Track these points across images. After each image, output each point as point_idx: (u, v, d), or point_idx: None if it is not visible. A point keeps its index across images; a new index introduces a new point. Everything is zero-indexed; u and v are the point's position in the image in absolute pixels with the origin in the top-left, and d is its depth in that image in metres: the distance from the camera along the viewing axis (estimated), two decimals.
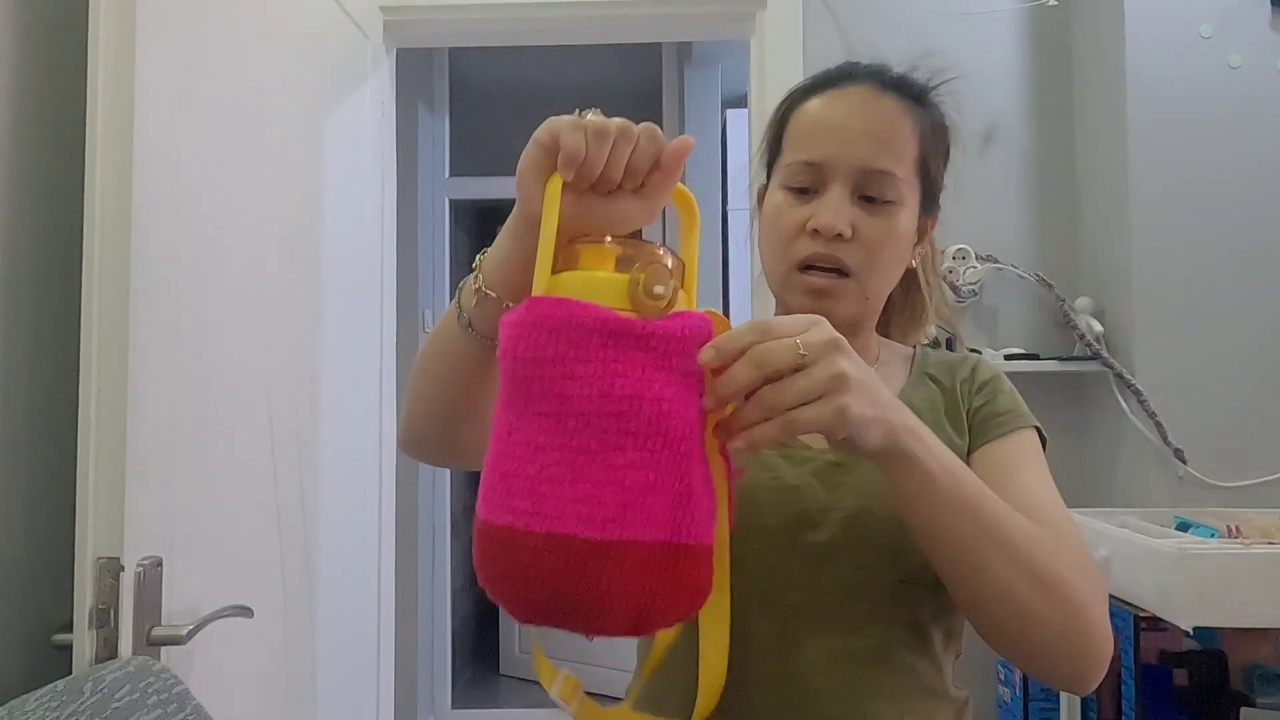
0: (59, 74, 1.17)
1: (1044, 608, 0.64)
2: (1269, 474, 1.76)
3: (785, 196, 0.80)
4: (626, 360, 0.53)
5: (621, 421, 0.52)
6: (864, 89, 0.80)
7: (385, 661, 1.90)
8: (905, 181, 0.79)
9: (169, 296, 1.12)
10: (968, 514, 0.63)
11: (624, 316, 0.54)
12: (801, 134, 0.81)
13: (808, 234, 0.77)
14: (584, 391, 0.52)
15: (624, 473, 0.52)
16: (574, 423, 0.52)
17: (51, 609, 1.10)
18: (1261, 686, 1.53)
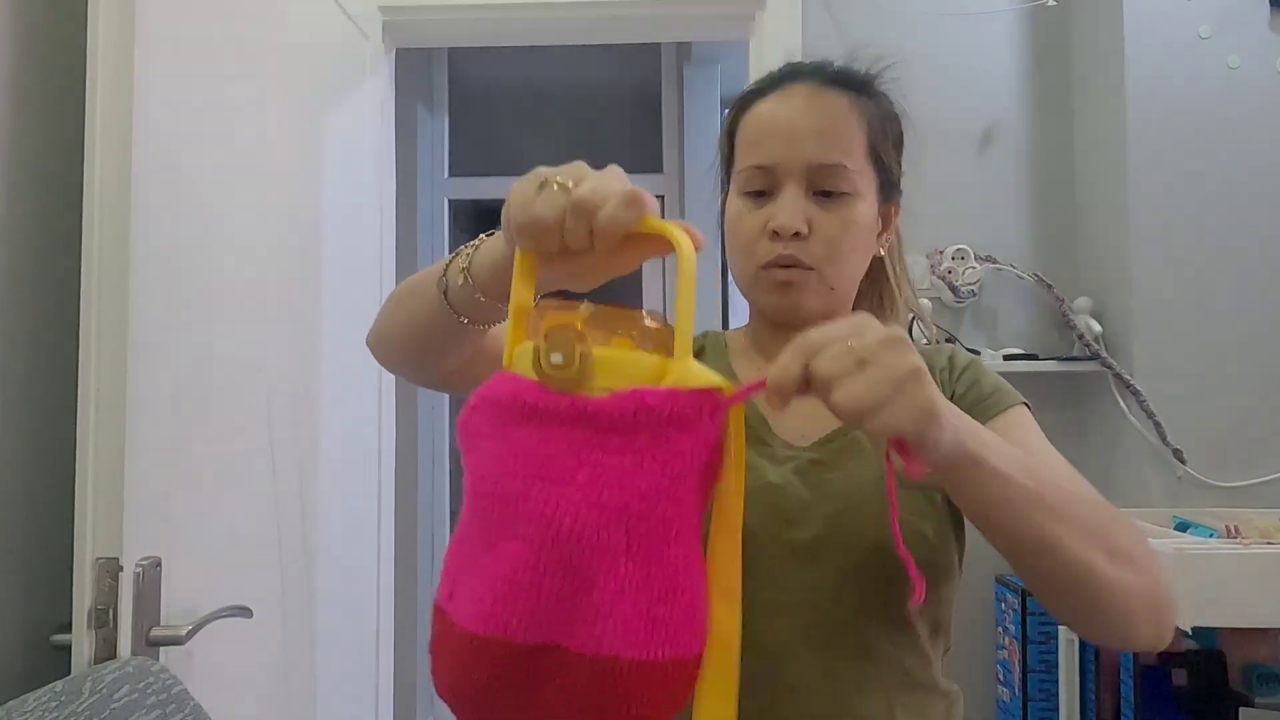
0: (59, 74, 1.17)
1: (1120, 576, 0.64)
2: (1268, 474, 1.76)
3: (743, 202, 0.81)
4: (531, 439, 0.48)
5: (509, 506, 0.47)
6: (806, 87, 0.81)
7: (385, 661, 1.90)
8: (858, 172, 0.80)
9: (168, 296, 1.12)
10: (1039, 504, 0.62)
11: (539, 391, 0.48)
12: (751, 139, 0.82)
13: (767, 236, 0.79)
14: (480, 471, 0.49)
15: (504, 566, 0.47)
16: (480, 504, 0.50)
17: (50, 609, 1.10)
18: (1260, 686, 1.53)
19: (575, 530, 0.46)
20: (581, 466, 0.47)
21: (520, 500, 0.47)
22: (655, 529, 0.47)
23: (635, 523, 0.47)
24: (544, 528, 0.46)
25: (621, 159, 2.15)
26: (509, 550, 0.47)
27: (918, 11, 2.02)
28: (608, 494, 0.47)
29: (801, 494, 0.76)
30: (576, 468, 0.47)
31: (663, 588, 0.48)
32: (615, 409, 0.47)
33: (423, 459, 3.20)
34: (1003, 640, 1.78)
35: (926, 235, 1.96)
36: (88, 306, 1.03)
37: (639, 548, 0.47)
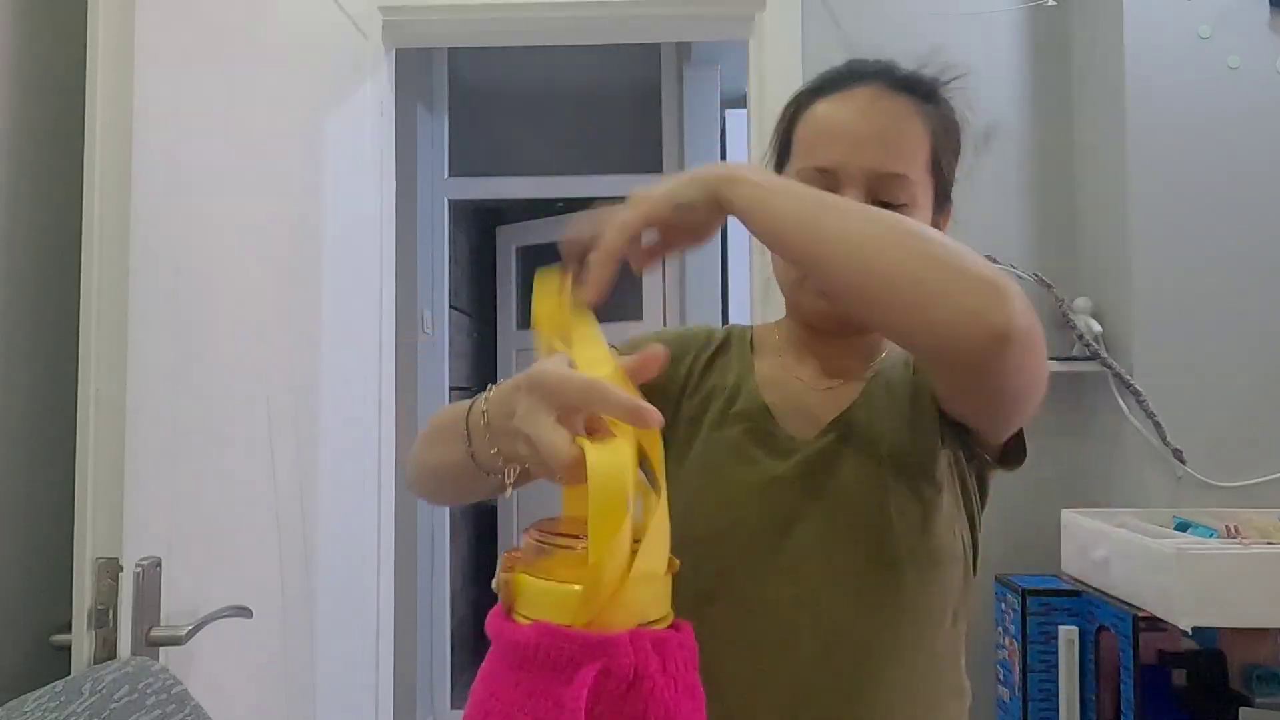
0: (58, 74, 1.17)
1: (937, 273, 0.60)
2: (1268, 474, 1.76)
3: None
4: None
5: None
6: (872, 89, 0.79)
7: (384, 661, 1.90)
8: (918, 183, 0.78)
9: (168, 296, 1.12)
10: (799, 198, 0.65)
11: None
12: (811, 139, 0.80)
13: None
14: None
15: None
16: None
17: (50, 609, 1.10)
18: (1260, 686, 1.52)
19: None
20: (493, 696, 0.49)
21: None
22: None
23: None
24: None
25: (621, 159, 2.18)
26: None
27: (918, 11, 2.02)
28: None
29: (801, 489, 0.76)
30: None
31: None
32: (524, 640, 0.48)
33: None
34: (1003, 640, 1.78)
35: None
36: (88, 307, 1.03)
37: None
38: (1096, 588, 1.63)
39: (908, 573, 0.73)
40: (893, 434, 0.76)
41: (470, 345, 4.26)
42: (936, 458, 0.75)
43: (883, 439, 0.76)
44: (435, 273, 3.36)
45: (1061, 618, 1.66)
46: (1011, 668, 1.73)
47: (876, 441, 0.76)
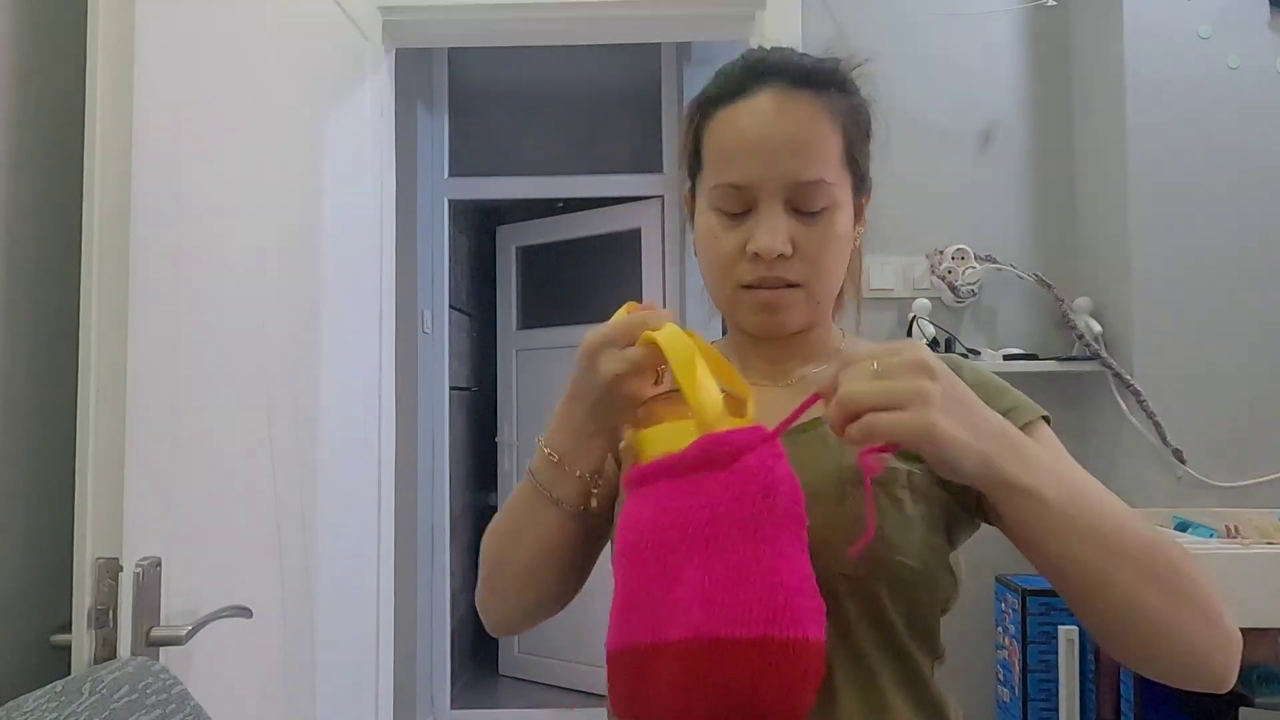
0: (58, 75, 1.17)
1: (1177, 616, 0.61)
2: (1268, 474, 1.76)
3: (717, 219, 0.77)
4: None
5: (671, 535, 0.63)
6: (774, 92, 0.75)
7: (384, 662, 1.90)
8: (836, 183, 0.76)
9: (168, 296, 1.12)
10: (1087, 537, 0.60)
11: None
12: (722, 154, 0.77)
13: (748, 258, 0.75)
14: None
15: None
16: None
17: (50, 609, 1.10)
18: (1261, 686, 1.53)
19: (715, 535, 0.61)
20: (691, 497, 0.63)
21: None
22: (748, 528, 0.60)
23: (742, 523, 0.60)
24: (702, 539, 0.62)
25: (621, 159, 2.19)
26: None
27: (918, 11, 2.02)
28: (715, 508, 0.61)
29: None
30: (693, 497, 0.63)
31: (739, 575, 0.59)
32: (686, 454, 0.63)
33: (423, 459, 3.20)
34: (1003, 640, 1.78)
35: (926, 235, 1.96)
36: (88, 306, 1.03)
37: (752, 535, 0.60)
38: None
39: (862, 585, 0.70)
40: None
41: (470, 345, 4.26)
42: (908, 478, 0.72)
43: (849, 456, 0.71)
44: (435, 273, 3.36)
45: (1061, 618, 1.66)
46: (1011, 668, 1.73)
47: (840, 457, 0.72)
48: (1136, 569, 0.61)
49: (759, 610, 0.57)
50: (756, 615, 0.57)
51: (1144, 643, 0.63)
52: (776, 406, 0.76)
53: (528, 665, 3.87)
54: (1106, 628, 0.64)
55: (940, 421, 0.56)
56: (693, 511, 0.61)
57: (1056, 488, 0.60)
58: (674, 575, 0.61)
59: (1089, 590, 0.62)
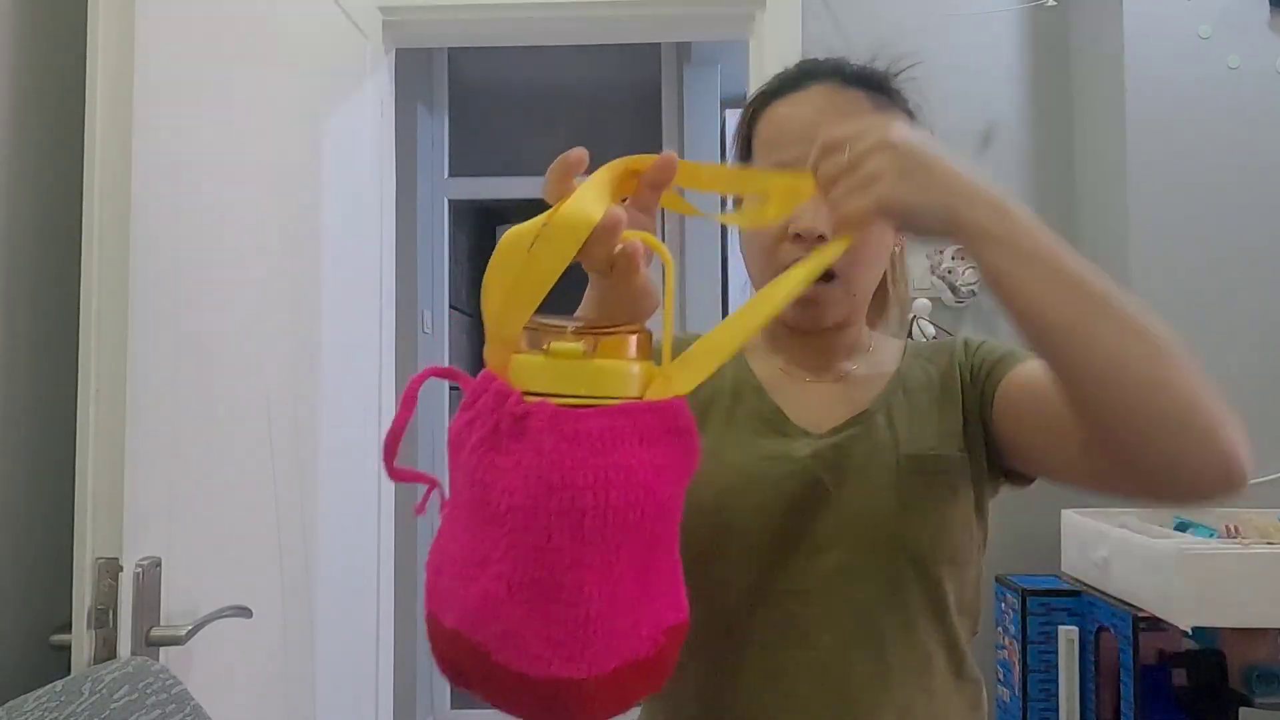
0: (59, 75, 1.17)
1: (1168, 374, 0.58)
2: (1267, 474, 1.76)
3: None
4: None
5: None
6: (826, 87, 0.80)
7: (384, 661, 1.90)
8: None
9: (168, 296, 1.12)
10: (1067, 285, 0.58)
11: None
12: (769, 141, 0.81)
13: (789, 239, 0.77)
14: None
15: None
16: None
17: (50, 609, 1.10)
18: (1260, 687, 1.52)
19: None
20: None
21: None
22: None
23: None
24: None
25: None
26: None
27: (918, 11, 2.02)
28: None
29: (819, 480, 0.77)
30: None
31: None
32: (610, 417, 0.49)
33: (422, 459, 3.20)
34: (1003, 640, 1.78)
35: None
36: (88, 306, 1.03)
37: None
38: (1096, 588, 1.63)
39: (926, 568, 0.74)
40: (912, 436, 0.78)
41: (470, 345, 4.26)
42: (955, 463, 0.77)
43: (900, 440, 0.77)
44: (435, 273, 3.36)
45: (1061, 618, 1.66)
46: (1011, 668, 1.73)
47: (894, 442, 0.77)
48: (1124, 323, 0.59)
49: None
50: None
51: (1134, 407, 0.58)
52: (825, 400, 0.81)
53: None
54: (1092, 396, 0.60)
55: (890, 195, 0.59)
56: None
57: (1033, 237, 0.59)
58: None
59: (1074, 342, 0.59)
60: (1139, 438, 0.59)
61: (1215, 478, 0.61)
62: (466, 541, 0.50)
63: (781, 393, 0.83)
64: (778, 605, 0.75)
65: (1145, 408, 0.58)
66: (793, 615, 0.75)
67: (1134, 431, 0.59)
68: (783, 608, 0.75)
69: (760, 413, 0.81)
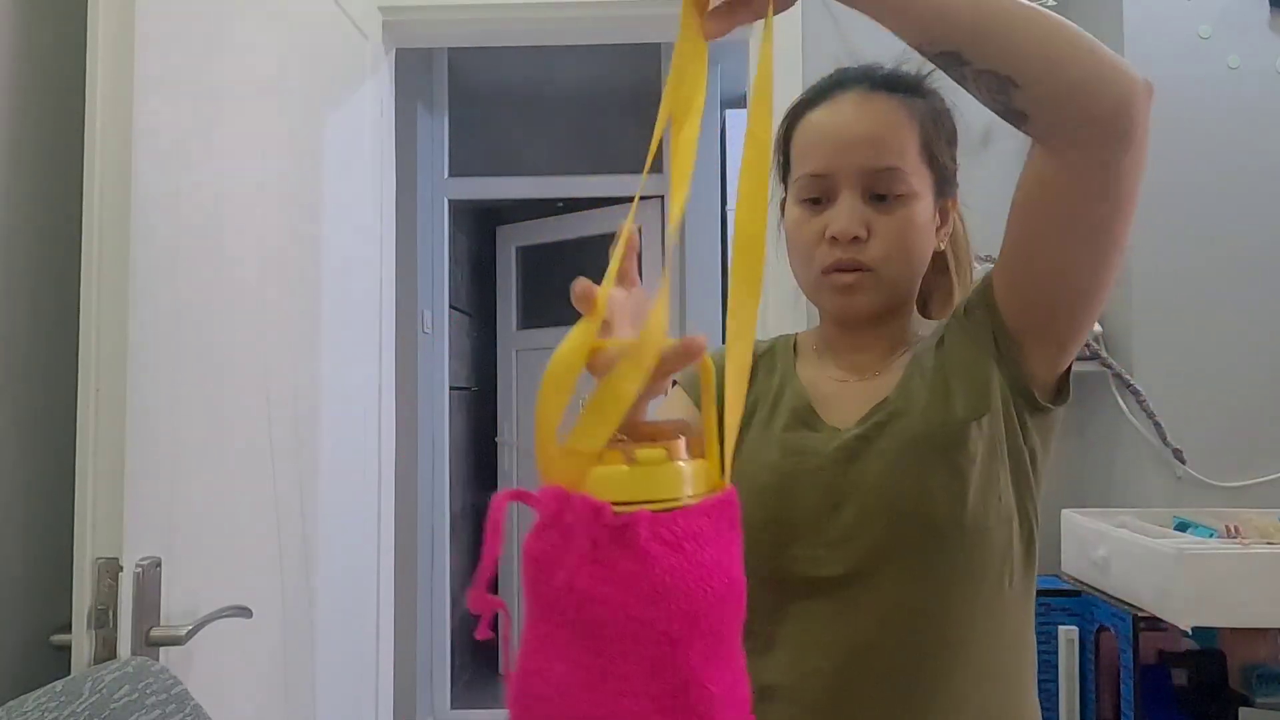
0: (58, 77, 1.17)
1: (1055, 19, 0.65)
2: (1268, 474, 1.76)
3: (801, 209, 0.84)
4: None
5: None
6: (856, 93, 0.84)
7: (384, 662, 1.90)
8: (913, 173, 0.82)
9: (168, 296, 1.12)
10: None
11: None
12: (805, 148, 0.85)
13: (826, 242, 0.81)
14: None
15: None
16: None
17: (50, 609, 1.10)
18: (1260, 686, 1.53)
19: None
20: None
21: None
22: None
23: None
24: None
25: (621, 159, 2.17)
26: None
27: None
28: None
29: (845, 471, 0.80)
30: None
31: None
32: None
33: (423, 459, 3.20)
34: None
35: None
36: (88, 306, 1.03)
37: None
38: (1096, 588, 1.63)
39: (950, 540, 0.76)
40: (926, 414, 0.80)
41: (470, 345, 4.26)
42: (969, 430, 0.79)
43: (917, 420, 0.80)
44: (435, 273, 3.36)
45: (1061, 618, 1.66)
46: None
47: (911, 423, 0.80)
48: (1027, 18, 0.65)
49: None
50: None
51: (1059, 57, 0.65)
52: (859, 397, 0.85)
53: None
54: (1021, 50, 0.66)
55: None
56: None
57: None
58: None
59: (987, 42, 0.66)
60: (1070, 102, 0.66)
61: (1108, 100, 0.66)
62: (569, 665, 0.50)
63: (820, 393, 0.87)
64: (817, 591, 0.78)
65: (1066, 66, 0.65)
66: (832, 598, 0.78)
67: (1030, 60, 0.66)
68: (822, 592, 0.78)
69: (796, 412, 0.85)
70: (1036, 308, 0.79)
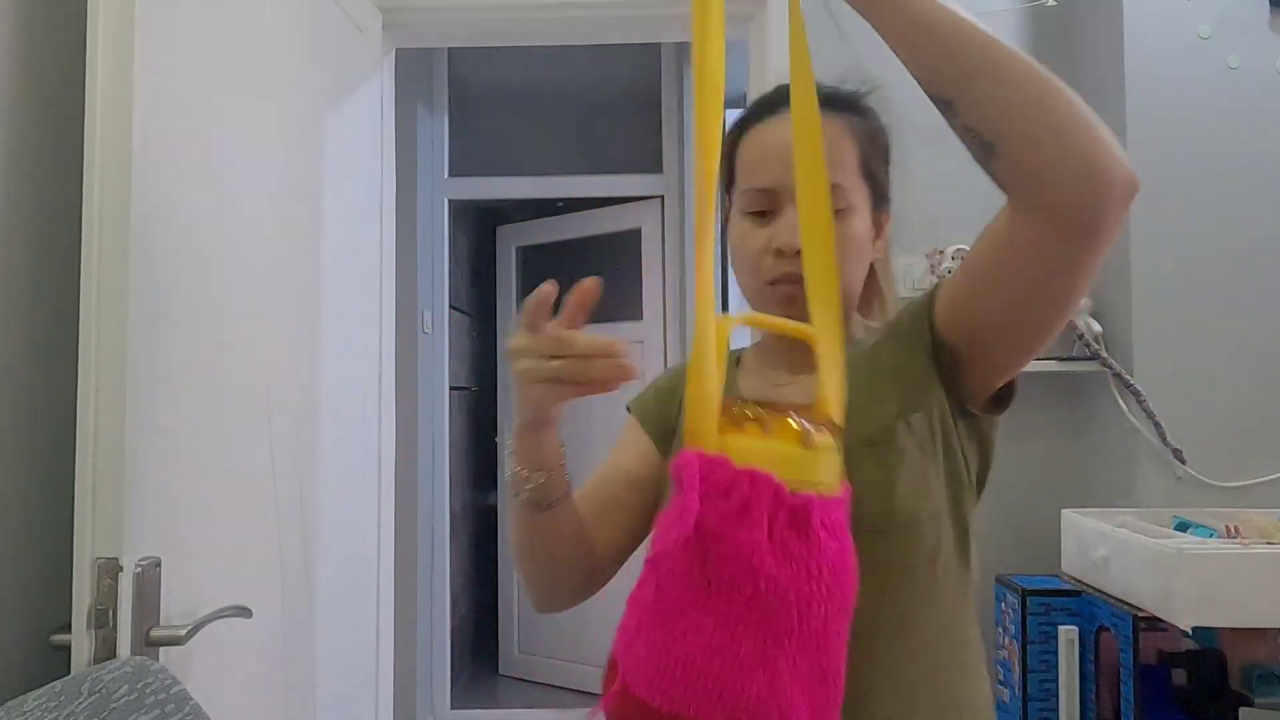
0: (58, 77, 1.17)
1: (1054, 99, 0.66)
2: (1267, 474, 1.76)
3: (746, 222, 0.87)
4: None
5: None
6: None
7: (384, 662, 1.90)
8: (852, 189, 0.85)
9: (168, 296, 1.12)
10: (953, 35, 0.65)
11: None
12: (750, 162, 0.88)
13: (772, 254, 0.84)
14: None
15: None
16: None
17: (50, 609, 1.10)
18: (1260, 686, 1.53)
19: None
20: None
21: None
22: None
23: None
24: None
25: (621, 159, 2.17)
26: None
27: None
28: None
29: None
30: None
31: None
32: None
33: (423, 459, 3.20)
34: (1003, 640, 1.78)
35: (926, 235, 1.96)
36: (88, 306, 1.03)
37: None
38: (1096, 588, 1.63)
39: (881, 534, 0.77)
40: (857, 413, 0.80)
41: (470, 345, 4.26)
42: (897, 427, 0.80)
43: (850, 418, 0.80)
44: (435, 273, 3.36)
45: (1061, 618, 1.66)
46: (1011, 668, 1.73)
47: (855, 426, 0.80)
48: (1013, 65, 0.65)
49: None
50: None
51: (1025, 127, 0.66)
52: (801, 394, 0.85)
53: (528, 665, 3.87)
54: (990, 124, 0.66)
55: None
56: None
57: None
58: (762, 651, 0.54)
59: (965, 86, 0.66)
60: (1019, 140, 0.67)
61: (1078, 168, 0.68)
62: (728, 631, 0.53)
63: (762, 400, 0.86)
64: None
65: (1036, 127, 0.66)
66: None
67: (1015, 132, 0.66)
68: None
69: None
70: (975, 340, 0.79)
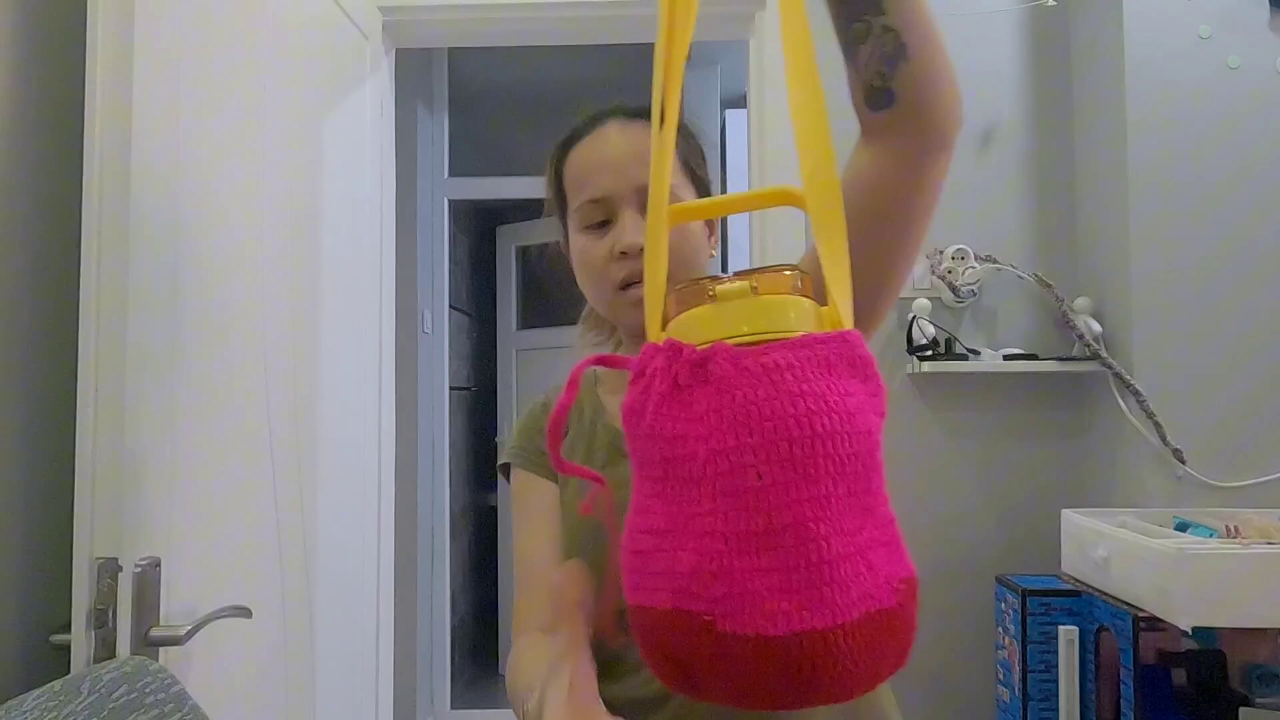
0: (57, 77, 1.17)
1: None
2: (1268, 474, 1.76)
3: (585, 236, 0.88)
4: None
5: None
6: (615, 123, 0.90)
7: (384, 661, 1.90)
8: (681, 188, 0.89)
9: (168, 296, 1.12)
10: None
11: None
12: (579, 178, 0.89)
13: (616, 259, 0.85)
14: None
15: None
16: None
17: (49, 609, 1.10)
18: (1260, 686, 1.53)
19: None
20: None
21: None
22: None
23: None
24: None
25: None
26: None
27: None
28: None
29: None
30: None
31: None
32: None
33: (423, 459, 3.20)
34: (1003, 640, 1.78)
35: (926, 235, 1.96)
36: (88, 306, 1.03)
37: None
38: (1096, 588, 1.63)
39: None
40: None
41: (470, 345, 4.26)
42: None
43: None
44: (435, 273, 3.36)
45: (1061, 618, 1.66)
46: (1011, 668, 1.73)
47: None
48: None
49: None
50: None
51: (941, 85, 0.76)
52: None
53: None
54: (930, 75, 0.77)
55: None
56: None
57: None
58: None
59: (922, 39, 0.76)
60: (933, 92, 0.76)
61: (948, 122, 0.76)
62: (664, 510, 0.47)
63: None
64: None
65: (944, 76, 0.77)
66: None
67: (931, 88, 0.76)
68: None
69: (613, 445, 0.88)
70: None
